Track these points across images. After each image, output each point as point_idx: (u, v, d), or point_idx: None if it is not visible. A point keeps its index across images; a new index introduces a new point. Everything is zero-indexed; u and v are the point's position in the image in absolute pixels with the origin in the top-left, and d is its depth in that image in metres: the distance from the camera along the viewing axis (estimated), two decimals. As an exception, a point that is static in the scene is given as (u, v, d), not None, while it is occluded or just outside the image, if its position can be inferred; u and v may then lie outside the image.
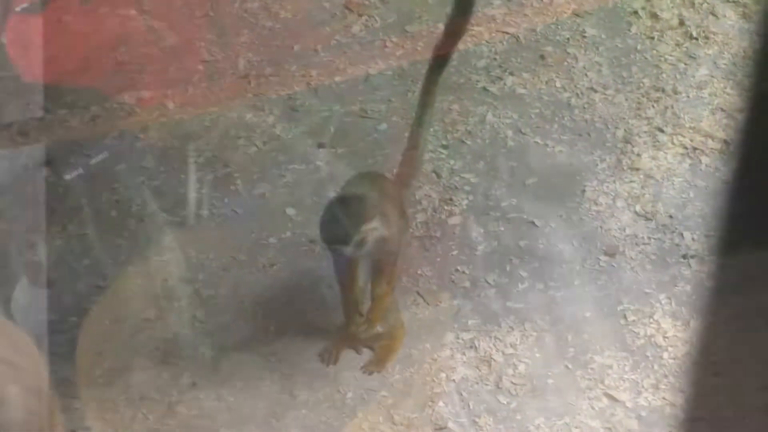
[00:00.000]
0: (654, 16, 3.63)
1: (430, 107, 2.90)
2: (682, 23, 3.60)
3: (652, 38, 3.58)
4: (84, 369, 2.78)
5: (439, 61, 2.88)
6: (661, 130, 3.32)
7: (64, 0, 3.59)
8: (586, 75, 3.49)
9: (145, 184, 3.21)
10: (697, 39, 3.56)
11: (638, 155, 3.27)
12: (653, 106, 3.39)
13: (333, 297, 2.91)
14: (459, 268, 3.03)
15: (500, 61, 3.53)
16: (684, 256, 3.03)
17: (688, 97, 3.41)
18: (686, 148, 3.28)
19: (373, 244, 2.65)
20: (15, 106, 3.23)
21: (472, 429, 2.74)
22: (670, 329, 2.87)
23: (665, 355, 2.83)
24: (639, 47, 3.56)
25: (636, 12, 3.65)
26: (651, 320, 2.91)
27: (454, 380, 2.82)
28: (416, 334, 2.90)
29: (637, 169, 3.24)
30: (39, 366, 1.11)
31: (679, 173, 3.22)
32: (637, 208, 3.15)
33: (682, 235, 3.08)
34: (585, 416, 2.75)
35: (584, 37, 3.59)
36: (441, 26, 3.58)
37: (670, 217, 3.12)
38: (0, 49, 3.20)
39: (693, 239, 3.07)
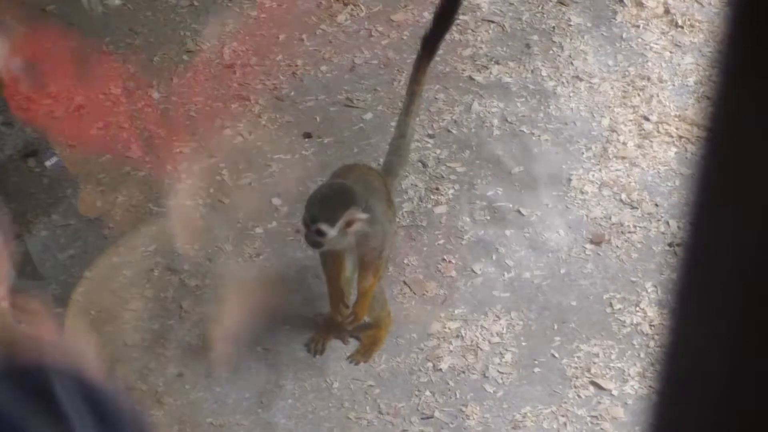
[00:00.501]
0: (639, 5, 3.63)
1: (417, 96, 2.90)
2: (667, 11, 3.60)
3: (638, 26, 3.58)
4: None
5: (427, 50, 2.88)
6: (647, 119, 3.33)
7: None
8: (571, 64, 3.49)
9: (130, 175, 3.20)
10: (682, 27, 3.56)
11: (624, 144, 3.27)
12: (639, 95, 3.39)
13: (319, 287, 2.91)
14: (445, 257, 3.03)
15: (486, 50, 3.53)
16: (670, 244, 3.04)
17: (674, 85, 3.41)
18: (672, 136, 3.28)
19: (357, 235, 2.64)
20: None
21: (459, 418, 2.75)
22: (656, 317, 2.87)
23: (651, 343, 2.83)
24: (624, 35, 3.56)
25: (621, 0, 3.65)
26: (637, 308, 2.91)
27: (440, 369, 2.82)
28: (403, 323, 2.90)
29: (623, 158, 3.24)
30: None
31: (665, 161, 3.22)
32: (623, 196, 3.15)
33: (668, 223, 3.09)
34: (571, 404, 2.76)
35: (570, 25, 3.59)
36: (426, 15, 3.59)
37: (656, 205, 3.13)
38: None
39: (679, 227, 3.08)
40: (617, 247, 3.05)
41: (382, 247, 2.70)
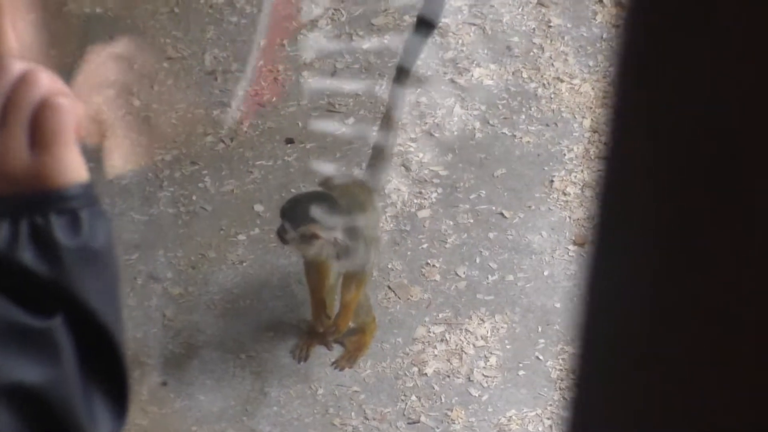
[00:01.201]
0: (619, 4, 3.62)
1: (399, 100, 2.90)
2: (647, 12, 3.60)
3: (618, 26, 3.57)
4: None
5: (409, 54, 2.87)
6: (629, 119, 3.33)
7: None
8: (552, 65, 3.49)
9: (112, 183, 3.19)
10: (662, 27, 3.56)
11: (606, 144, 3.27)
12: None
13: (303, 293, 2.90)
14: (429, 261, 3.03)
15: (467, 53, 3.53)
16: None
17: (655, 85, 3.41)
18: (653, 136, 3.29)
19: (333, 248, 2.64)
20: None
21: (445, 422, 2.75)
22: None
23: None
24: (604, 36, 3.56)
25: (601, 0, 3.65)
26: (621, 309, 2.92)
27: (426, 374, 2.82)
28: (387, 328, 2.90)
29: (605, 159, 3.24)
30: None
31: (647, 162, 3.23)
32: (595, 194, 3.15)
33: (650, 223, 3.09)
34: (557, 407, 2.76)
35: (550, 26, 3.59)
36: (407, 18, 3.59)
37: (639, 205, 3.13)
38: None
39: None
40: (600, 248, 3.05)
41: (364, 261, 2.70)
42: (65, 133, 0.92)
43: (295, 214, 2.62)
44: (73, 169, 0.93)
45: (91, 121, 0.98)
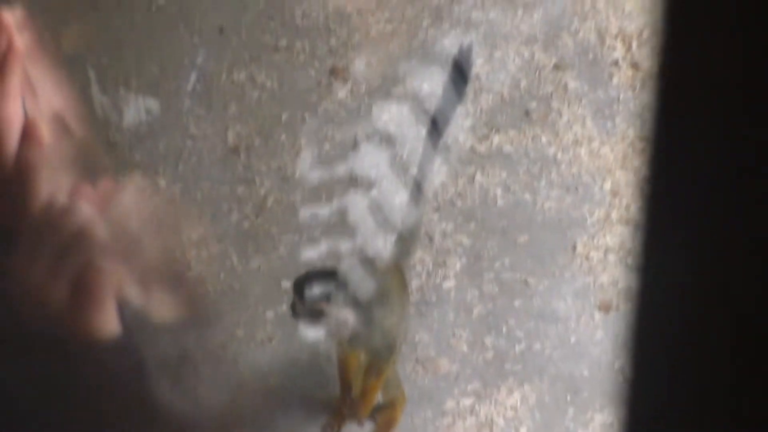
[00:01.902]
0: (634, 66, 3.67)
1: (428, 173, 2.91)
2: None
3: (634, 88, 3.62)
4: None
5: (438, 125, 2.89)
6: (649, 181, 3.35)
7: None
8: (570, 129, 3.52)
9: (127, 248, 3.23)
10: (678, 86, 3.59)
11: (627, 207, 3.30)
12: (639, 157, 3.42)
13: (332, 369, 2.93)
14: (456, 332, 3.06)
15: (486, 120, 3.57)
16: (677, 308, 3.06)
17: (673, 145, 3.44)
18: (674, 198, 3.31)
19: (344, 330, 2.65)
20: None
21: (477, 496, 2.77)
22: (667, 383, 2.89)
23: (664, 409, 2.85)
24: (621, 97, 3.59)
25: (617, 62, 3.69)
26: (648, 375, 2.93)
27: (456, 446, 2.85)
28: (417, 401, 2.92)
29: (627, 222, 3.27)
30: None
31: (669, 224, 3.25)
32: (629, 261, 3.17)
33: (674, 286, 3.11)
34: (588, 476, 2.78)
35: (567, 90, 3.63)
36: (426, 87, 3.64)
37: (662, 268, 3.15)
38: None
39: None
40: (626, 312, 3.07)
41: (382, 346, 2.70)
42: (105, 292, 0.97)
43: (303, 288, 2.64)
44: (107, 323, 0.97)
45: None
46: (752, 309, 0.52)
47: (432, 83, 3.65)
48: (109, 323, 0.96)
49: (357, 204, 3.38)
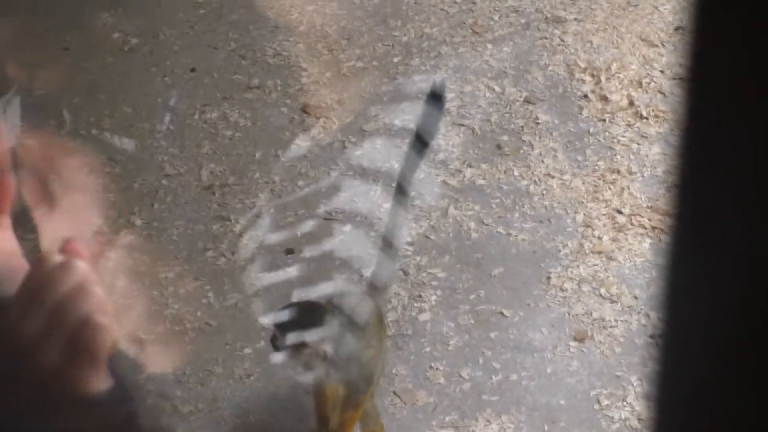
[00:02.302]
0: (604, 99, 3.72)
1: (400, 219, 2.89)
2: (631, 103, 3.69)
3: (604, 120, 3.66)
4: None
5: (407, 172, 2.85)
6: (620, 212, 3.40)
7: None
8: (542, 161, 3.56)
9: (117, 303, 3.25)
10: (647, 118, 3.65)
11: (599, 238, 3.34)
12: (610, 188, 3.47)
13: (311, 403, 2.94)
14: (433, 364, 3.08)
15: (458, 154, 3.60)
16: (651, 336, 3.09)
17: (644, 176, 3.49)
18: (645, 227, 3.35)
19: (324, 366, 2.66)
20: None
21: None
22: (643, 411, 2.92)
23: (641, 437, 2.88)
24: (591, 130, 3.64)
25: (586, 95, 3.74)
26: (624, 403, 2.96)
27: (436, 478, 2.86)
28: (395, 434, 2.94)
29: (600, 252, 3.31)
30: None
31: (641, 253, 3.29)
32: (602, 291, 3.21)
33: (648, 315, 3.15)
34: (567, 505, 2.79)
35: (537, 123, 3.67)
36: (397, 122, 3.67)
37: (635, 297, 3.19)
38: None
39: (659, 319, 3.13)
40: (600, 342, 3.10)
41: (359, 379, 2.72)
42: (102, 348, 0.99)
43: (284, 321, 2.66)
44: (101, 379, 0.99)
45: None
46: None
47: (404, 119, 3.69)
48: (102, 378, 0.98)
49: (333, 238, 3.40)
